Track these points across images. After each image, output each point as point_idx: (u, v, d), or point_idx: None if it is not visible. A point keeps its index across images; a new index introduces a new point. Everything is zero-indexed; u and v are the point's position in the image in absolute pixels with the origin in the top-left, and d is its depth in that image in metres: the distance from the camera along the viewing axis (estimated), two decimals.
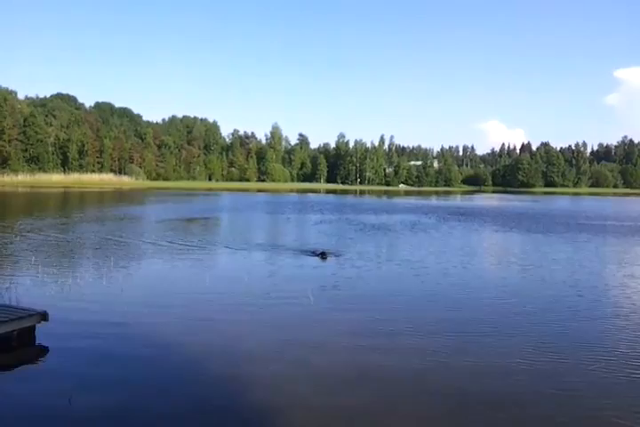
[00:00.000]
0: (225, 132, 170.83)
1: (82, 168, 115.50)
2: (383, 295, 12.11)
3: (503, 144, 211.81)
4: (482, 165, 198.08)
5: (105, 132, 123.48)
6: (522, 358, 7.86)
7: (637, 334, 9.31)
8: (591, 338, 9.00)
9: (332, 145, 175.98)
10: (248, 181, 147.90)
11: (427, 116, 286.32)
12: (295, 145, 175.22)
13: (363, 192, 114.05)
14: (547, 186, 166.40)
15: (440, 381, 7.06)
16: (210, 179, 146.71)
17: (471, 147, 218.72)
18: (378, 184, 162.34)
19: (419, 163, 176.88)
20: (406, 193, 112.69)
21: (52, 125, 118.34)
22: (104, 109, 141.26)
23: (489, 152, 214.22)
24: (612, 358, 7.92)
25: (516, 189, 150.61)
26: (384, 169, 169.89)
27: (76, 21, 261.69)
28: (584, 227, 31.67)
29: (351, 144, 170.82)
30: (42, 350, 7.93)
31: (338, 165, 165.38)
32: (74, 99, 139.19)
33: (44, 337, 8.27)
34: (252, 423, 5.87)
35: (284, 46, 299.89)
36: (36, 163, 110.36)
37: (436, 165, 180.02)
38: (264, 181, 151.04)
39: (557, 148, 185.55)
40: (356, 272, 14.72)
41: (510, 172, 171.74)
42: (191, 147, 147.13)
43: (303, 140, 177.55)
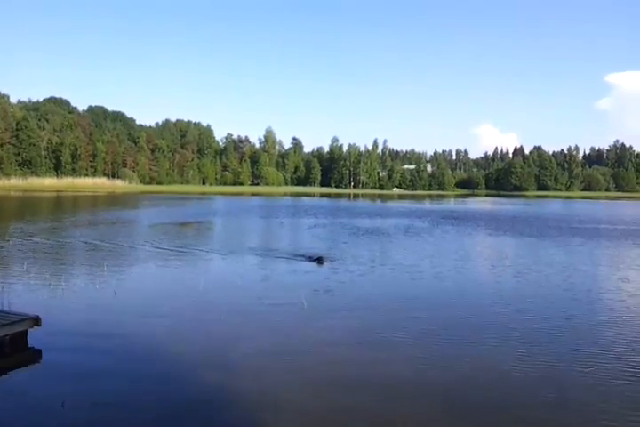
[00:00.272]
0: (218, 135, 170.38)
1: (75, 172, 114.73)
2: (377, 300, 12.09)
3: (496, 148, 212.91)
4: (475, 169, 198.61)
5: (98, 136, 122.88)
6: (517, 362, 7.87)
7: (632, 337, 9.35)
8: (586, 342, 9.03)
9: (326, 149, 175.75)
10: (242, 184, 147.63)
11: (420, 120, 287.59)
12: (289, 149, 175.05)
13: (356, 196, 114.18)
14: (539, 190, 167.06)
15: (435, 386, 7.07)
16: (203, 183, 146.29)
17: (464, 151, 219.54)
18: (372, 188, 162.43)
19: (412, 167, 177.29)
20: (400, 197, 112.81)
21: (44, 129, 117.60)
22: (97, 113, 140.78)
23: (482, 156, 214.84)
24: (607, 362, 7.93)
25: (509, 193, 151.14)
26: (378, 173, 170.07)
27: (69, 25, 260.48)
28: (577, 230, 31.82)
29: (345, 148, 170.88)
30: (34, 355, 7.87)
31: (332, 169, 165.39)
32: (67, 102, 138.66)
33: (36, 342, 8.20)
34: None
35: (277, 51, 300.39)
36: (28, 167, 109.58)
37: (429, 168, 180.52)
38: (258, 184, 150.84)
39: (550, 152, 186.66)
40: (349, 276, 14.70)
41: (503, 175, 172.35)
42: (185, 151, 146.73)
43: (297, 144, 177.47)
